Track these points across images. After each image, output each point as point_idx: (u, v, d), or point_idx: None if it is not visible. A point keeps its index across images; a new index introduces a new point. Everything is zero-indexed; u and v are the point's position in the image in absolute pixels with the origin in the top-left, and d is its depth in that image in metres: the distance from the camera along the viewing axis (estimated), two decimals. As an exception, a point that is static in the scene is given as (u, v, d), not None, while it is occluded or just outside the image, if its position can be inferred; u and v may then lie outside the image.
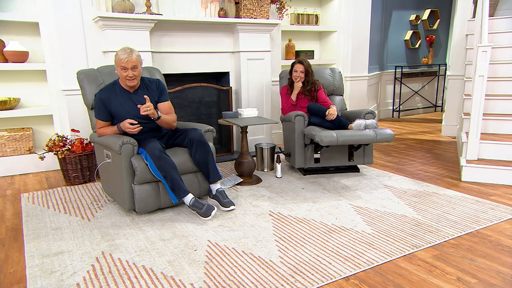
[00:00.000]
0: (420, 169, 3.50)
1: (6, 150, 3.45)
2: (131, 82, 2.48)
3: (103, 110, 2.52)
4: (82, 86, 2.80)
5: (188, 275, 1.82)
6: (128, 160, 2.40)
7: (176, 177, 2.40)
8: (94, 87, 2.78)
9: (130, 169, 2.42)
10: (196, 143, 2.54)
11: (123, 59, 2.39)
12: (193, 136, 2.56)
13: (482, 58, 3.04)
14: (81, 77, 2.82)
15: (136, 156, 2.42)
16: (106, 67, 2.95)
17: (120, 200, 2.55)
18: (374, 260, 1.93)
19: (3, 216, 2.58)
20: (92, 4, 3.31)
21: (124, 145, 2.37)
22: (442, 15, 6.75)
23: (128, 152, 2.40)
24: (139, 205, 2.45)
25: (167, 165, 2.37)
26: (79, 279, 1.79)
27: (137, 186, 2.44)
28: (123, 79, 2.47)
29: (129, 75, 2.43)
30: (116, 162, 2.46)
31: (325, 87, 3.64)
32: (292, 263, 1.90)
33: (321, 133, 2.95)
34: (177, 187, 2.40)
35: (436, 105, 7.06)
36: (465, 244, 2.08)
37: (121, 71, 2.43)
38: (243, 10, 3.84)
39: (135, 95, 2.56)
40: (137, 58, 2.44)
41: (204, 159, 2.56)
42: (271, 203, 2.72)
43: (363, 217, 2.45)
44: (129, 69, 2.41)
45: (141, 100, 2.54)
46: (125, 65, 2.39)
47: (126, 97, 2.54)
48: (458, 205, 2.62)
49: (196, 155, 2.55)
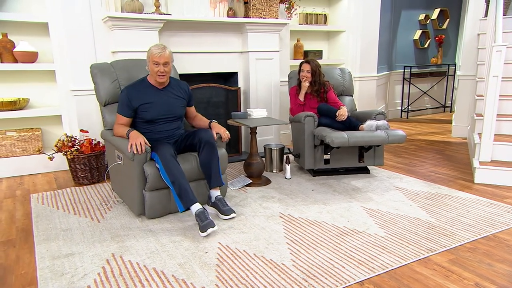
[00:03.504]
0: (432, 171, 3.45)
1: (15, 150, 3.46)
2: (162, 78, 2.50)
3: (127, 105, 2.51)
4: (95, 81, 2.74)
5: (200, 278, 1.79)
6: (141, 167, 2.36)
7: (185, 185, 2.31)
8: (107, 83, 2.74)
9: (142, 175, 2.38)
10: (204, 143, 2.50)
11: (156, 53, 2.42)
12: (202, 136, 2.53)
13: (496, 58, 2.98)
14: (94, 71, 2.75)
15: (149, 163, 2.38)
16: (120, 61, 2.90)
17: (130, 204, 2.54)
18: (388, 264, 1.89)
19: (13, 216, 2.58)
20: (101, 4, 3.30)
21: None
22: (452, 14, 6.67)
23: (141, 159, 2.36)
24: (149, 211, 2.43)
25: (176, 171, 2.31)
26: (90, 282, 1.78)
27: (148, 192, 2.41)
28: (154, 74, 2.50)
29: (160, 70, 2.46)
30: (128, 166, 2.44)
31: (334, 88, 3.60)
32: (304, 267, 1.87)
33: (331, 134, 2.91)
34: (185, 195, 2.30)
35: (445, 105, 6.98)
36: (482, 248, 2.04)
37: (153, 66, 2.47)
38: (252, 10, 3.82)
39: (163, 92, 2.59)
40: (169, 54, 2.48)
41: (208, 160, 2.48)
42: (281, 204, 2.69)
43: (375, 219, 2.41)
44: (161, 64, 2.45)
45: (169, 97, 2.60)
46: (158, 60, 2.43)
47: (155, 93, 2.57)
48: (472, 208, 2.57)
49: (201, 155, 2.51)
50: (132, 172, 2.39)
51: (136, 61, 2.92)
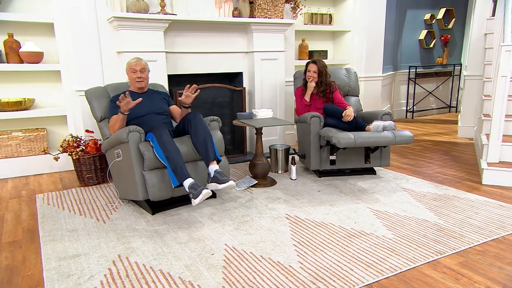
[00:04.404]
0: (438, 172, 3.41)
1: (21, 150, 3.46)
2: (140, 83, 2.79)
3: (116, 107, 2.66)
4: (91, 104, 2.93)
5: (207, 280, 1.78)
6: (136, 147, 2.44)
7: (179, 161, 2.37)
8: (101, 102, 2.93)
9: (139, 155, 2.44)
10: (193, 122, 2.56)
11: (133, 62, 2.76)
12: (191, 117, 2.60)
13: (505, 58, 2.95)
14: (90, 97, 2.93)
15: (144, 143, 2.47)
16: (113, 84, 3.11)
17: (133, 192, 2.53)
18: (397, 267, 1.87)
19: (19, 217, 2.58)
20: (107, 4, 3.30)
21: (131, 132, 2.44)
22: (458, 14, 6.62)
23: (135, 139, 2.45)
24: (152, 191, 2.44)
25: (171, 147, 2.38)
26: (97, 283, 1.77)
27: (147, 172, 2.44)
28: (133, 81, 2.79)
29: (137, 76, 2.76)
30: (126, 154, 2.50)
31: (340, 88, 3.58)
32: (312, 269, 1.85)
33: (338, 135, 2.89)
34: (179, 170, 2.34)
35: (450, 105, 6.93)
36: (492, 251, 2.01)
37: (131, 74, 2.77)
38: (257, 9, 3.80)
39: (144, 94, 2.85)
40: (145, 63, 2.80)
41: (199, 136, 2.51)
42: (287, 206, 2.67)
43: (382, 221, 2.39)
44: (138, 71, 2.75)
45: (151, 97, 2.85)
46: (135, 67, 2.75)
47: (138, 96, 2.78)
48: (481, 210, 2.54)
49: (192, 134, 2.55)
50: (129, 155, 2.45)
51: (127, 84, 3.05)
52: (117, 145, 2.57)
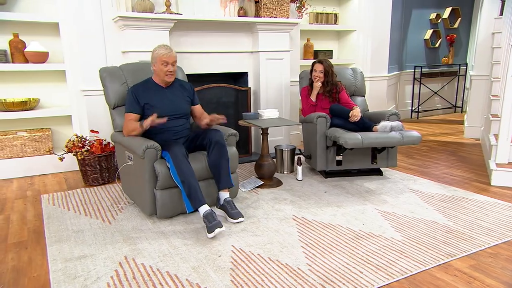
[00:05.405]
0: (446, 173, 3.38)
1: (26, 150, 3.46)
2: (170, 78, 2.56)
3: (135, 102, 2.54)
4: (104, 84, 2.76)
5: (214, 282, 1.76)
6: (151, 165, 2.35)
7: (195, 185, 2.29)
8: (116, 86, 2.76)
9: (152, 174, 2.36)
10: (214, 143, 2.47)
11: (165, 54, 2.48)
12: (212, 137, 2.50)
13: (514, 57, 2.90)
14: (103, 75, 2.77)
15: (159, 161, 2.37)
16: (129, 64, 2.93)
17: (141, 204, 2.51)
18: (407, 270, 1.84)
19: (24, 217, 2.57)
20: (112, 4, 3.28)
21: (148, 149, 2.32)
22: (464, 13, 6.57)
23: (152, 156, 2.34)
24: (161, 211, 2.40)
25: (187, 171, 2.29)
26: (103, 285, 1.75)
27: (159, 191, 2.38)
28: (163, 74, 2.53)
29: (169, 69, 2.51)
30: (139, 166, 2.42)
31: (346, 88, 3.55)
32: (321, 271, 1.83)
33: (345, 135, 2.86)
34: (194, 195, 2.27)
35: (456, 105, 6.88)
36: (504, 253, 1.98)
37: (162, 66, 2.50)
38: (263, 9, 3.78)
39: (168, 90, 2.63)
40: (175, 54, 2.55)
41: (217, 161, 2.45)
42: (294, 207, 2.64)
43: (391, 223, 2.36)
44: (170, 64, 2.50)
45: (174, 95, 2.63)
46: (167, 59, 2.49)
47: (160, 91, 2.60)
48: (491, 211, 2.50)
49: (210, 156, 2.47)
50: (142, 170, 2.37)
51: (145, 64, 2.93)
52: (130, 151, 2.47)
